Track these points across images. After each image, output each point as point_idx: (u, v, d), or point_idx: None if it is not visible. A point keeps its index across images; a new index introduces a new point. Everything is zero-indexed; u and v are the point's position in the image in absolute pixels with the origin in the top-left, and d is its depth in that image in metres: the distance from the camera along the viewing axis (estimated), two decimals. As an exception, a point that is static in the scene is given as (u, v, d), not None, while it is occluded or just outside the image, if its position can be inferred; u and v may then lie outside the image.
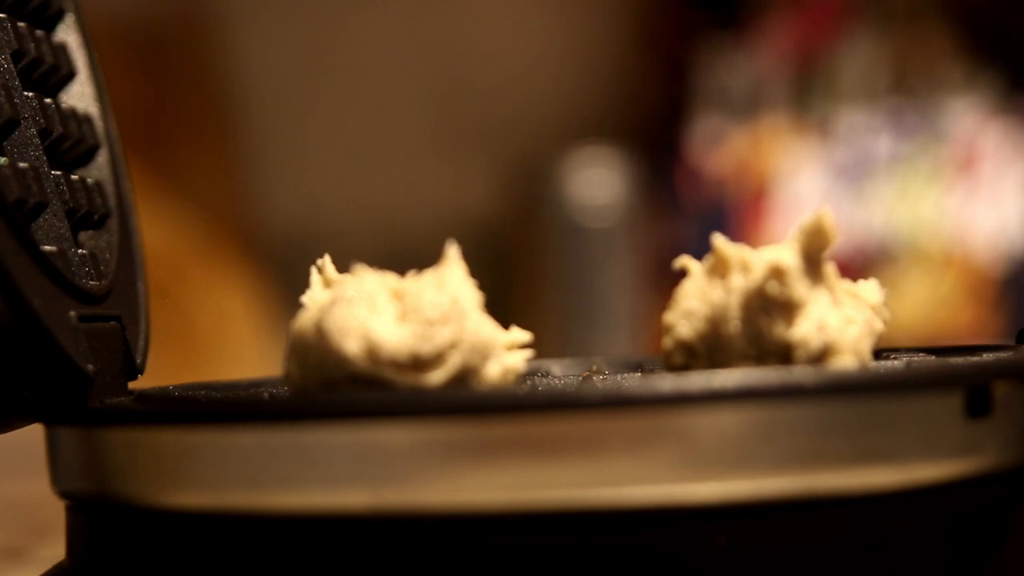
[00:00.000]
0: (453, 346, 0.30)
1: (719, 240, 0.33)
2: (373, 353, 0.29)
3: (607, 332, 1.39)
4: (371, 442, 0.28)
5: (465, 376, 0.30)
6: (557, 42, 1.58)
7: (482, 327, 0.30)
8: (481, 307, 0.31)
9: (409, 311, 0.30)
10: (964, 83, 1.43)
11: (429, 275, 0.31)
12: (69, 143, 0.38)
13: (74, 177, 0.37)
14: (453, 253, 0.31)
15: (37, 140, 0.35)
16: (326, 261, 0.34)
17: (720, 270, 0.33)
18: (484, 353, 0.30)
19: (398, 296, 0.30)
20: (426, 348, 0.29)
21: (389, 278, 0.31)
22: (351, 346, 0.29)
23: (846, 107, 1.45)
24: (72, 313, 0.33)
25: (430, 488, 0.28)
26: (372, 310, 0.30)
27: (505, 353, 0.31)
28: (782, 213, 1.43)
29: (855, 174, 1.44)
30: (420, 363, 0.29)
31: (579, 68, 1.59)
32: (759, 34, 1.48)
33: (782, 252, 0.32)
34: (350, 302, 0.30)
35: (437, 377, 0.29)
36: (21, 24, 0.36)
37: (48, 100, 0.37)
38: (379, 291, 0.30)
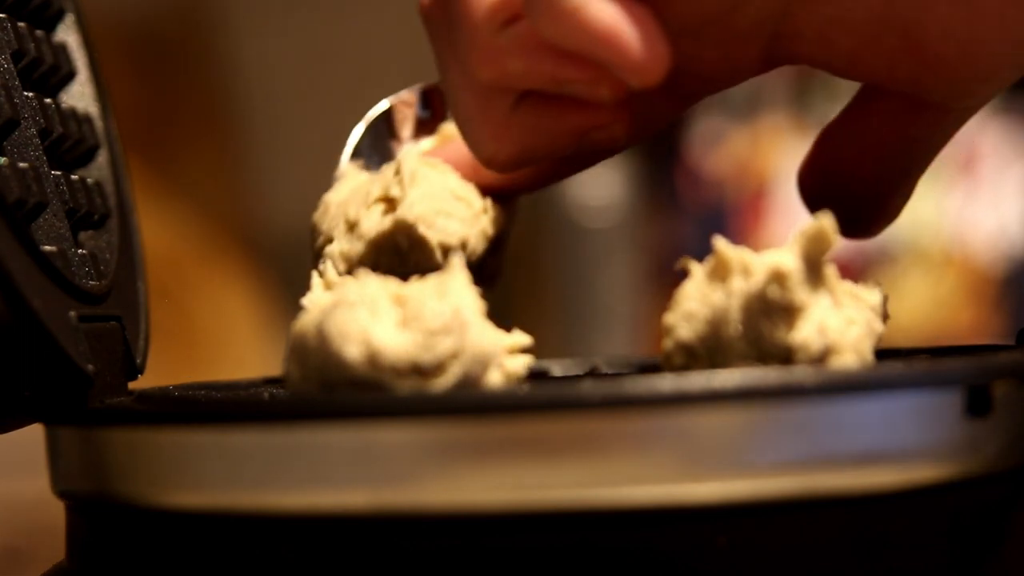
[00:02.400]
0: (454, 356, 0.29)
1: (720, 242, 0.33)
2: (374, 359, 0.29)
3: (607, 332, 1.39)
4: (371, 442, 0.28)
5: (466, 385, 0.30)
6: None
7: (484, 337, 0.30)
8: (483, 315, 0.31)
9: (410, 318, 0.30)
10: (964, 83, 1.43)
11: (431, 282, 0.31)
12: (69, 143, 0.38)
13: (74, 177, 0.37)
14: (456, 261, 0.31)
15: (37, 140, 0.35)
16: (327, 264, 0.34)
17: (721, 273, 0.33)
18: (485, 362, 0.30)
19: (399, 302, 0.30)
20: (427, 357, 0.29)
21: (391, 283, 0.31)
22: (352, 351, 0.29)
23: (846, 107, 1.45)
24: (72, 313, 0.33)
25: (430, 488, 0.28)
26: (374, 315, 0.30)
27: (506, 358, 0.31)
28: (782, 213, 1.43)
29: (855, 174, 1.43)
30: (421, 371, 0.29)
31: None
32: (759, 34, 1.48)
33: (783, 256, 0.32)
34: (352, 306, 0.30)
35: (437, 386, 0.29)
36: (21, 24, 0.36)
37: (48, 100, 0.37)
38: (381, 296, 0.30)
